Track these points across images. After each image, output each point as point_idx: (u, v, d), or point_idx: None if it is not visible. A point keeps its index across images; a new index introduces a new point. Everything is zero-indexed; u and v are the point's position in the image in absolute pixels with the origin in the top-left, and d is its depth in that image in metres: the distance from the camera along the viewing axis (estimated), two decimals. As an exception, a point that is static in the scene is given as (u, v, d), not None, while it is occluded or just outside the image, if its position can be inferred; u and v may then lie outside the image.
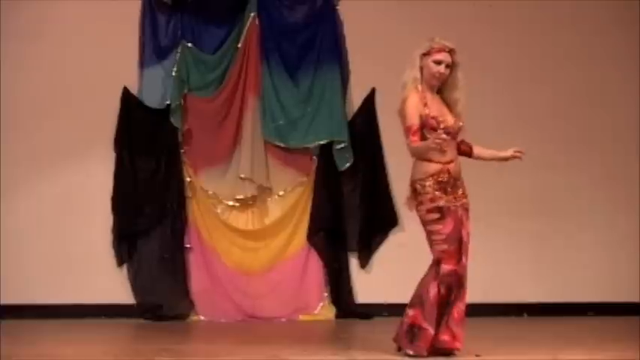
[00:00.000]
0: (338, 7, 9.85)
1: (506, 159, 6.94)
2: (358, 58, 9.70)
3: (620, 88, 10.02)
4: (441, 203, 6.58)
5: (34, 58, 9.61)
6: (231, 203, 9.73)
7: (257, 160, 9.67)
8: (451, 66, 6.69)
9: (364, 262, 9.75)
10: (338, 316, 9.63)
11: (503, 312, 9.69)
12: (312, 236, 9.72)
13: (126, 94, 9.65)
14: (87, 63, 9.63)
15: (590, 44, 10.01)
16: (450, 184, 6.62)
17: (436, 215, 6.58)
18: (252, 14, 9.78)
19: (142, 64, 9.72)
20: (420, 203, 6.63)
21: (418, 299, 6.64)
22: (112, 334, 8.74)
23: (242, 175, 9.63)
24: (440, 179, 6.59)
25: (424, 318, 6.60)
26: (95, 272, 9.51)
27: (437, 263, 6.61)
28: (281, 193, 9.79)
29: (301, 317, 9.62)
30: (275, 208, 9.79)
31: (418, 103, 6.57)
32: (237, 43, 9.78)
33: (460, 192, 6.67)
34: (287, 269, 9.72)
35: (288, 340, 8.11)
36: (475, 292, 9.65)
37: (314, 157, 9.79)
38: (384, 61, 9.20)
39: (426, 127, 6.56)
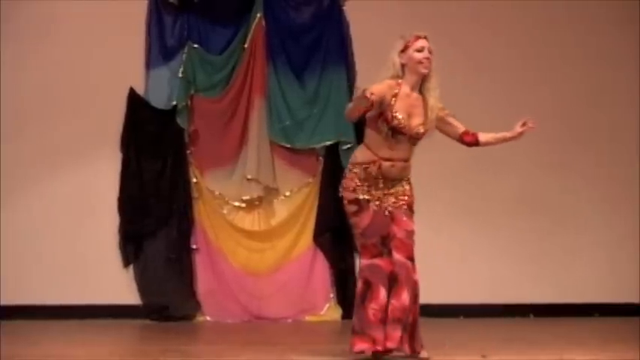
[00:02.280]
0: (344, 8, 9.86)
1: (515, 137, 6.70)
2: (364, 59, 9.69)
3: (619, 88, 10.02)
4: (360, 196, 6.47)
5: (40, 59, 9.63)
6: (237, 204, 9.74)
7: (263, 160, 9.68)
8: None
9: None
10: (344, 316, 9.63)
11: (509, 312, 9.69)
12: (318, 237, 9.73)
13: (132, 95, 9.67)
14: (93, 64, 9.64)
15: (589, 44, 10.01)
16: (378, 181, 6.46)
17: (354, 207, 6.50)
18: (258, 15, 9.79)
19: (149, 64, 9.73)
20: (343, 190, 6.55)
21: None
22: (118, 334, 8.75)
23: (248, 176, 9.64)
24: (368, 170, 6.46)
25: (354, 316, 6.56)
26: (101, 273, 9.52)
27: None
28: (287, 193, 9.80)
29: (307, 318, 9.64)
30: (281, 209, 9.80)
31: (388, 87, 6.41)
32: (244, 43, 9.79)
33: (392, 193, 6.49)
34: (293, 270, 9.73)
35: (295, 341, 8.12)
36: (481, 293, 9.77)
37: (320, 158, 9.79)
38: (390, 61, 9.20)
39: (382, 115, 6.43)
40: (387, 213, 6.48)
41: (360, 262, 6.58)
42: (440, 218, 9.65)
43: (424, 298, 9.09)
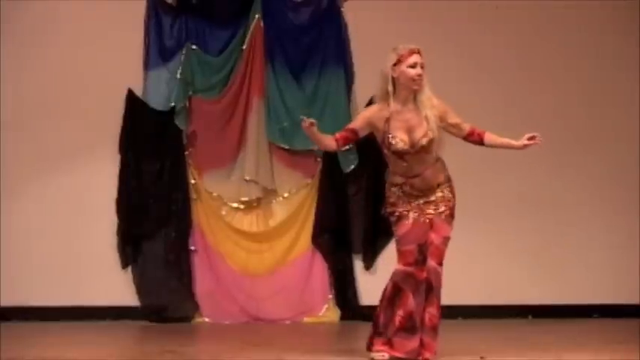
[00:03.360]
0: (343, 9, 9.85)
1: (520, 148, 6.73)
2: (363, 60, 9.69)
3: (621, 89, 10.02)
4: (400, 209, 6.60)
5: (38, 60, 9.62)
6: (235, 205, 9.73)
7: (262, 162, 9.68)
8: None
9: (369, 264, 9.75)
10: (343, 318, 9.63)
11: (508, 314, 9.69)
12: (316, 238, 9.72)
13: (130, 96, 9.65)
14: (91, 65, 9.63)
15: (589, 44, 10.01)
16: (414, 195, 6.58)
17: (394, 218, 6.63)
18: (256, 16, 9.79)
19: (147, 65, 9.72)
20: (386, 205, 6.69)
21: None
22: (117, 336, 8.74)
23: (247, 177, 9.63)
24: (403, 190, 6.60)
25: (377, 317, 6.64)
26: (100, 274, 9.51)
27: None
28: (286, 195, 9.80)
29: (306, 319, 9.63)
30: (280, 210, 9.80)
31: (374, 113, 6.59)
32: (242, 45, 9.78)
33: (432, 201, 6.58)
34: (292, 271, 9.72)
35: (293, 342, 8.11)
36: (480, 294, 9.77)
37: (318, 159, 9.78)
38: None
39: (381, 142, 6.60)
40: (427, 221, 6.55)
41: (396, 267, 6.62)
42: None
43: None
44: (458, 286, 9.55)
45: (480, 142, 6.72)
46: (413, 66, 6.49)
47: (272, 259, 9.72)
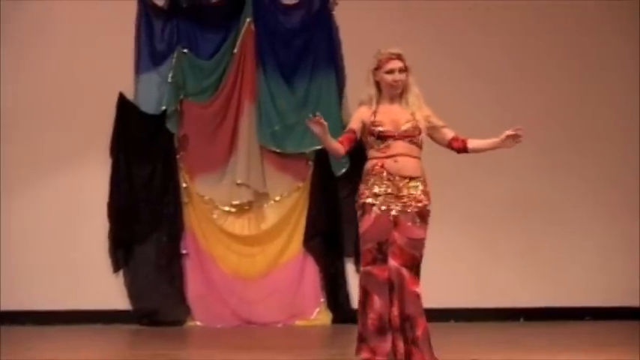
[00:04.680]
0: (334, 12, 9.86)
1: (504, 143, 6.52)
2: (354, 63, 9.69)
3: (613, 90, 10.04)
4: (365, 200, 6.42)
5: (29, 64, 9.61)
6: (227, 209, 9.74)
7: (253, 165, 9.68)
8: (405, 70, 6.48)
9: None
10: (334, 321, 9.64)
11: (500, 316, 9.69)
12: (308, 241, 9.72)
13: (122, 100, 9.66)
14: (83, 69, 9.63)
15: (582, 46, 10.03)
16: (386, 178, 6.40)
17: (359, 212, 6.45)
18: (247, 20, 9.80)
19: (138, 69, 9.73)
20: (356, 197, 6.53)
21: None
22: (109, 339, 8.73)
23: (238, 181, 9.64)
24: (375, 172, 6.42)
25: (358, 323, 6.48)
26: (91, 278, 9.50)
27: None
28: (277, 198, 9.80)
29: (298, 322, 9.63)
30: (271, 214, 9.80)
31: (363, 114, 6.49)
32: (233, 48, 9.79)
33: (401, 196, 6.41)
34: (283, 274, 9.72)
35: (285, 346, 8.11)
36: (472, 297, 9.76)
37: (310, 163, 9.79)
38: (379, 65, 9.20)
39: (367, 132, 6.48)
40: (390, 218, 6.41)
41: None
42: (431, 222, 9.61)
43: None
44: (450, 288, 9.61)
45: (464, 147, 6.61)
46: (390, 72, 6.48)
47: (264, 262, 9.72)
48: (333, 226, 9.76)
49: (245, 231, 9.77)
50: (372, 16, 9.73)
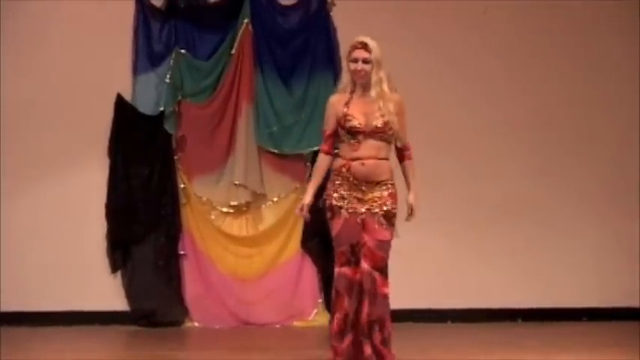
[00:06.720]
0: (332, 13, 9.86)
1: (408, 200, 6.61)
2: (352, 64, 9.68)
3: (604, 93, 10.01)
4: (333, 202, 6.49)
5: (27, 65, 9.60)
6: (225, 210, 9.74)
7: (251, 166, 9.68)
8: (371, 62, 6.49)
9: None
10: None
11: (497, 317, 9.70)
12: (305, 242, 9.72)
13: (119, 101, 9.65)
14: (80, 69, 9.62)
15: (575, 49, 10.00)
16: (352, 183, 6.47)
17: (329, 214, 6.53)
18: (245, 20, 9.79)
19: (136, 70, 9.72)
20: (324, 198, 6.58)
21: None
22: (107, 340, 8.74)
23: (236, 182, 9.64)
24: (341, 174, 6.49)
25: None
26: (89, 279, 9.50)
27: None
28: (275, 199, 9.80)
29: (295, 323, 9.63)
30: (269, 215, 9.80)
31: (334, 104, 6.55)
32: (231, 49, 9.79)
33: (367, 200, 6.46)
34: (281, 275, 9.72)
35: (283, 347, 8.13)
36: (469, 298, 9.77)
37: (308, 164, 9.78)
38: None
39: (339, 125, 6.51)
40: (358, 221, 6.45)
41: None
42: (427, 223, 9.56)
43: (411, 304, 9.14)
44: (446, 289, 9.63)
45: (402, 160, 6.63)
46: (354, 60, 6.50)
47: (261, 263, 9.73)
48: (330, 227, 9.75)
49: (243, 232, 9.77)
50: (370, 18, 9.72)
